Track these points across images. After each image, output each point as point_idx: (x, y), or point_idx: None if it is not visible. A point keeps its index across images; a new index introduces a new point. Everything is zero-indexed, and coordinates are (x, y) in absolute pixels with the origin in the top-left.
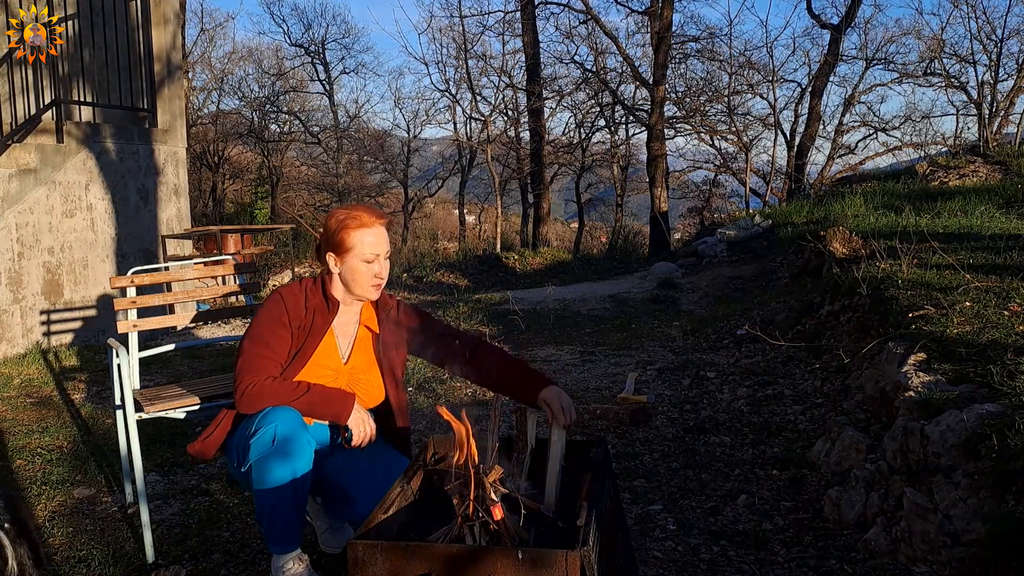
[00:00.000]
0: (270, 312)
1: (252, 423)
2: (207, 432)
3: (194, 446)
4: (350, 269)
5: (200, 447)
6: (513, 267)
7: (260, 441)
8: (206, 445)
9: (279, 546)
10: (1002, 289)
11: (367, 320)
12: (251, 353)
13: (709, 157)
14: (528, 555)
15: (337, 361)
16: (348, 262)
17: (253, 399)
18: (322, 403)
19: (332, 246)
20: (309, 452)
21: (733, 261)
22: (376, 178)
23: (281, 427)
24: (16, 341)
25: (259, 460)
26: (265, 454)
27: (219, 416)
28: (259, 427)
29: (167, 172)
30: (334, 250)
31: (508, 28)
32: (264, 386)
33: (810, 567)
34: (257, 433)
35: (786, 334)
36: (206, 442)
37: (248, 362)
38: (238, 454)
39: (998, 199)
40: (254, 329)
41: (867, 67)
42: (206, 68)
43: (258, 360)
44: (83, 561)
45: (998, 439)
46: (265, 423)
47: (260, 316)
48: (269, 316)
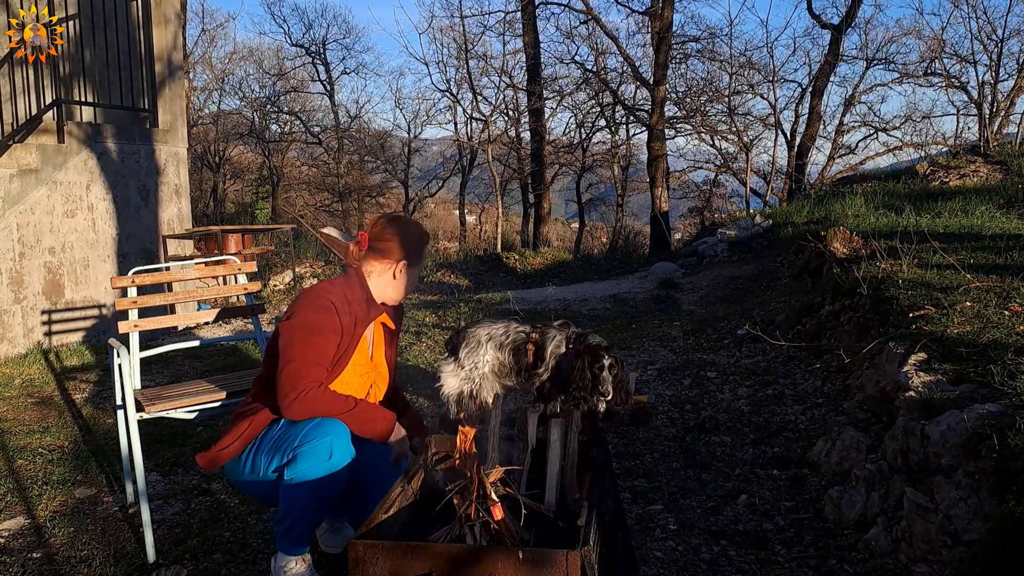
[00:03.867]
0: (322, 318)
1: (299, 432)
2: (224, 443)
3: (205, 456)
4: (411, 277)
5: (213, 457)
6: (514, 267)
7: (315, 451)
8: (220, 456)
9: (294, 547)
10: (1003, 289)
11: (383, 318)
12: (303, 359)
13: (710, 157)
14: (528, 555)
15: (366, 357)
16: (412, 272)
17: (306, 406)
18: (367, 420)
19: (409, 255)
20: (349, 458)
21: (734, 261)
22: (377, 178)
23: (336, 441)
24: (17, 341)
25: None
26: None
27: (239, 427)
28: (311, 439)
29: (168, 172)
30: (409, 258)
31: (509, 28)
32: (318, 396)
33: (811, 567)
34: (310, 443)
35: (786, 334)
36: (221, 453)
37: (301, 368)
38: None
39: (998, 199)
40: (304, 333)
41: (867, 67)
42: (207, 68)
43: (310, 367)
44: (84, 561)
45: (999, 439)
46: (319, 435)
47: (309, 319)
48: (320, 322)
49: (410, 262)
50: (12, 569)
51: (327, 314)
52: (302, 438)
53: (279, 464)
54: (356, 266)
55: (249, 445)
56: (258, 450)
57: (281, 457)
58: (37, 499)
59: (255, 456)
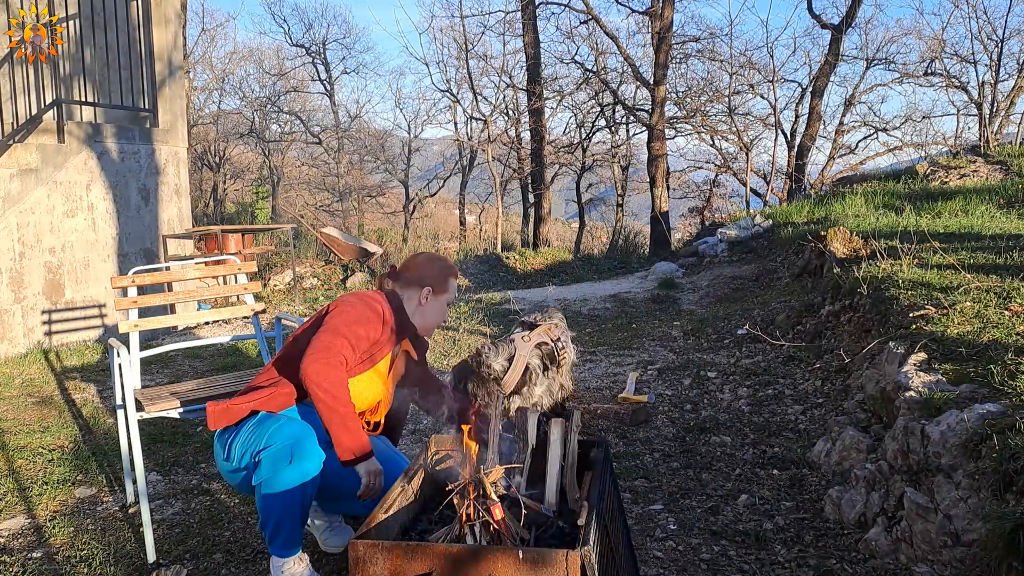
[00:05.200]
0: (371, 315)
1: (264, 436)
2: (242, 399)
3: (217, 405)
4: (436, 307)
5: (224, 407)
6: (514, 267)
7: (275, 455)
8: (231, 412)
9: (284, 549)
10: (1003, 289)
11: (406, 345)
12: (347, 333)
13: (710, 157)
14: (528, 555)
15: (386, 371)
16: (439, 301)
17: (325, 370)
18: (351, 430)
19: (435, 283)
20: (319, 459)
21: (734, 261)
22: (377, 178)
23: (297, 441)
24: (17, 341)
25: (273, 468)
26: (279, 463)
27: (260, 392)
28: (272, 443)
29: (168, 172)
30: (433, 285)
31: (509, 28)
32: (339, 371)
33: (811, 567)
34: (270, 448)
35: (787, 334)
36: (232, 409)
37: (338, 341)
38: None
39: (999, 199)
40: (354, 317)
41: (868, 67)
42: (207, 68)
43: (347, 344)
44: (84, 560)
45: (999, 439)
46: (278, 439)
47: (361, 310)
48: (369, 316)
49: (435, 289)
50: (12, 569)
51: (375, 314)
52: (267, 441)
53: (248, 463)
54: (391, 288)
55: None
56: (236, 437)
57: (250, 457)
58: (37, 499)
59: (232, 442)
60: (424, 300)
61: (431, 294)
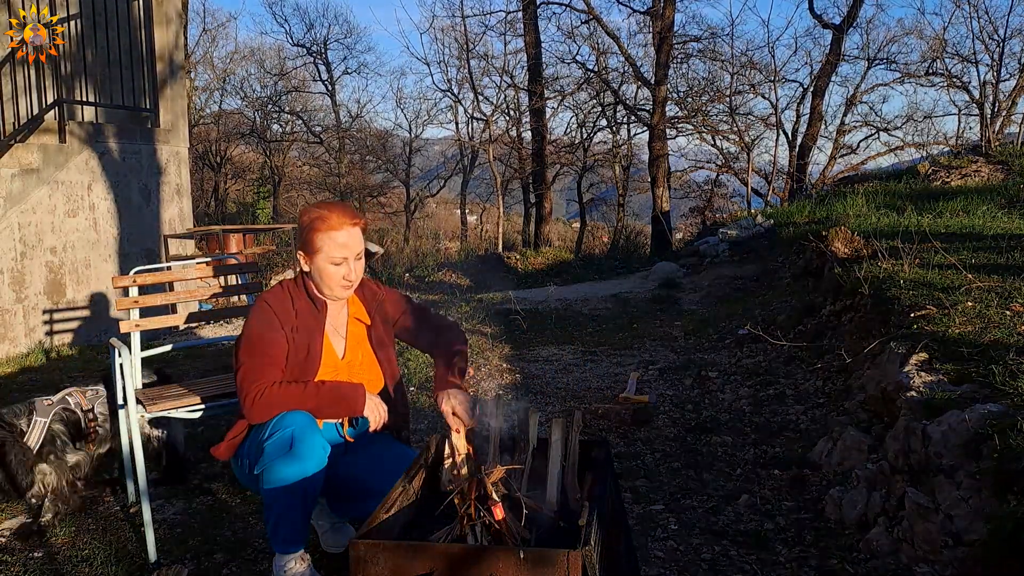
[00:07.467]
0: (259, 319)
1: (266, 427)
2: (233, 433)
3: (219, 448)
4: (318, 270)
5: (225, 448)
6: (515, 267)
7: (276, 444)
8: (231, 446)
9: (285, 546)
10: (1004, 289)
11: (356, 313)
12: (250, 363)
13: (711, 157)
14: (529, 555)
15: (335, 358)
16: (316, 263)
17: (263, 408)
18: (333, 400)
19: (302, 244)
20: (322, 455)
21: (735, 261)
22: (378, 178)
23: (297, 430)
24: (19, 340)
25: (272, 462)
26: (279, 456)
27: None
28: (274, 431)
29: (169, 172)
30: (303, 249)
31: (510, 28)
32: (271, 393)
33: (812, 567)
34: (272, 436)
35: (788, 334)
36: (232, 442)
37: (249, 372)
38: (251, 457)
39: (1000, 199)
40: (247, 339)
41: (869, 67)
42: (208, 68)
43: (258, 369)
44: (85, 560)
45: (1000, 439)
46: (281, 427)
47: (250, 325)
48: (260, 323)
49: (306, 252)
50: (13, 568)
51: (266, 315)
52: (270, 429)
53: (254, 452)
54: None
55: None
56: (244, 440)
57: (255, 447)
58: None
59: (245, 452)
60: (304, 266)
61: (305, 259)
